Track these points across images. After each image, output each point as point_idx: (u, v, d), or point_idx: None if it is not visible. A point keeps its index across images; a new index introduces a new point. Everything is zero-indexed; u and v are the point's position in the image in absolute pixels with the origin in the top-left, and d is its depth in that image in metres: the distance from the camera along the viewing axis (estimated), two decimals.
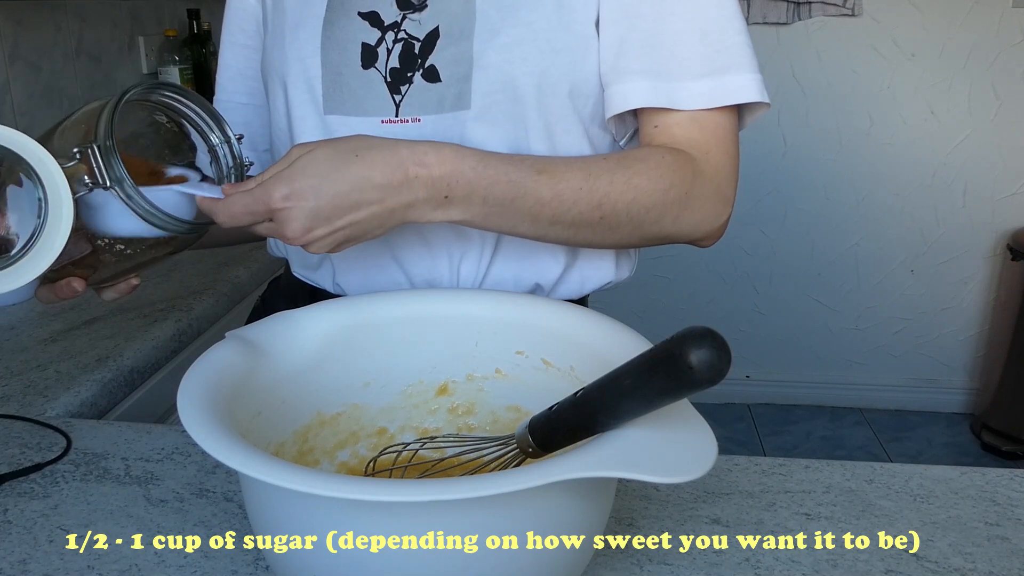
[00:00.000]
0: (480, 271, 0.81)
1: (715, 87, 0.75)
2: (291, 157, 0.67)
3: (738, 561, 0.65)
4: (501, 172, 0.69)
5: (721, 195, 0.77)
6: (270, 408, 0.63)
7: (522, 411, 0.70)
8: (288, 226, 0.65)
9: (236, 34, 0.91)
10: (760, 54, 0.76)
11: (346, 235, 0.67)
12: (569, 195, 0.71)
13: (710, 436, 0.50)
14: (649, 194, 0.73)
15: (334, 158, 0.66)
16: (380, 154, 0.66)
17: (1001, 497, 0.73)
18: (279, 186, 0.65)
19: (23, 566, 0.64)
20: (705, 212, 0.76)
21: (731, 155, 0.77)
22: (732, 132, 0.77)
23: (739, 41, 0.75)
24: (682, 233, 0.77)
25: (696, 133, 0.76)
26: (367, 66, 0.77)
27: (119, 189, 0.63)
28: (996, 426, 2.63)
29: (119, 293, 0.71)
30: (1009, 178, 2.64)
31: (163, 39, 2.02)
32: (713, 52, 0.75)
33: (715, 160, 0.76)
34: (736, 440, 2.71)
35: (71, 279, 0.67)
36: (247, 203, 0.66)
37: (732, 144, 0.77)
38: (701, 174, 0.75)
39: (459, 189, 0.68)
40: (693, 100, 0.75)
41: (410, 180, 0.67)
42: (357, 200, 0.66)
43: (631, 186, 0.72)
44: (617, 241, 0.76)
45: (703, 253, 2.77)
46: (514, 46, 0.74)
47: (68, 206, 0.60)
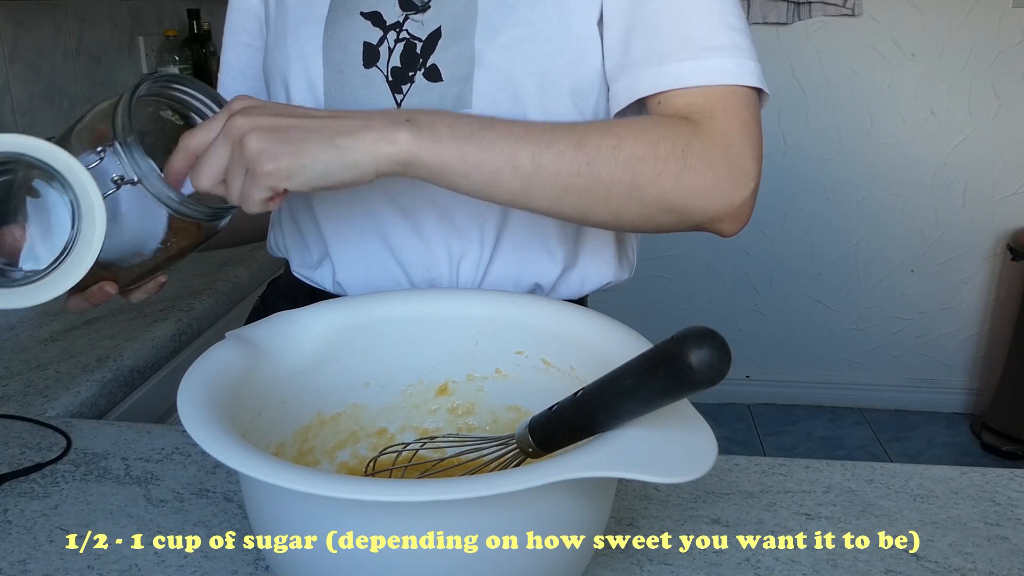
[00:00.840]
0: (480, 270, 0.81)
1: (724, 63, 0.71)
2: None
3: (738, 561, 0.65)
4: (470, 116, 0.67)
5: (735, 164, 0.69)
6: (270, 408, 0.63)
7: (522, 411, 0.70)
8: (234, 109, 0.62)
9: (239, 34, 0.91)
10: (760, 54, 0.75)
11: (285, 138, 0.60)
12: (544, 134, 0.66)
13: (710, 436, 0.50)
14: (634, 141, 0.67)
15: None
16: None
17: (1001, 497, 0.73)
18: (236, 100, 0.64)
19: (23, 566, 0.64)
20: (715, 178, 0.69)
21: (745, 122, 0.70)
22: (747, 102, 0.71)
23: (742, 27, 0.73)
24: (693, 204, 0.69)
25: (700, 99, 0.70)
26: (369, 65, 0.77)
27: (148, 182, 0.63)
28: (996, 426, 2.63)
29: (148, 293, 0.71)
30: (1009, 178, 2.64)
31: (163, 39, 2.02)
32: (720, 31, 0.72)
33: (722, 124, 0.69)
34: (736, 440, 2.71)
35: (103, 283, 0.66)
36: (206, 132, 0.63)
37: (748, 112, 0.71)
38: (700, 135, 0.69)
39: (422, 117, 0.64)
40: (700, 76, 0.71)
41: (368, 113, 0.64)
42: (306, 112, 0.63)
43: (611, 132, 0.67)
44: (619, 209, 0.69)
45: (703, 253, 2.77)
46: (515, 45, 0.74)
47: (100, 209, 0.60)
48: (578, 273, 0.84)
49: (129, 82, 1.93)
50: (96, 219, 0.60)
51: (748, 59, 0.72)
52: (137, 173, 0.62)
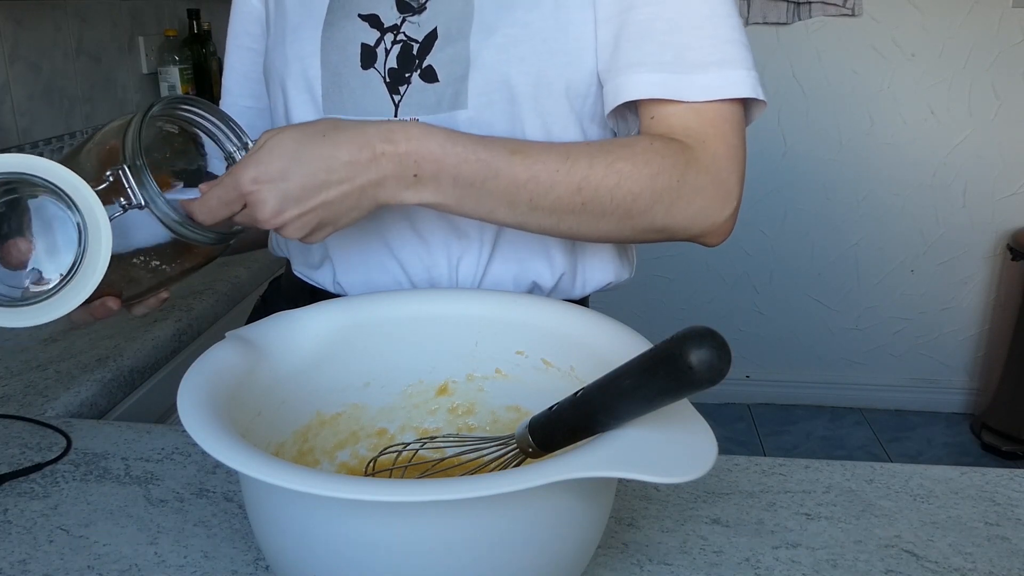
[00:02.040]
0: (479, 270, 0.81)
1: (714, 79, 0.73)
2: (260, 141, 0.67)
3: (738, 561, 0.65)
4: (470, 151, 0.68)
5: (722, 187, 0.73)
6: (270, 408, 0.63)
7: (522, 411, 0.70)
8: (259, 208, 0.65)
9: (242, 37, 0.91)
10: (760, 54, 0.76)
11: (319, 217, 0.67)
12: (545, 177, 0.69)
13: (710, 436, 0.50)
14: (634, 179, 0.70)
15: (301, 139, 0.66)
16: (347, 133, 0.67)
17: (1001, 497, 0.73)
18: (247, 170, 0.65)
19: (23, 566, 0.64)
20: (703, 204, 0.72)
21: (732, 146, 0.74)
22: (734, 124, 0.74)
23: (735, 38, 0.74)
24: (679, 227, 0.73)
25: (693, 122, 0.73)
26: (367, 67, 0.77)
27: (154, 207, 0.64)
28: (996, 426, 2.63)
29: (149, 308, 0.72)
30: (1009, 178, 2.64)
31: (163, 39, 2.02)
32: (711, 46, 0.73)
33: (713, 149, 0.72)
34: (736, 440, 2.71)
35: (106, 298, 0.68)
36: (219, 194, 0.66)
37: (734, 135, 0.74)
38: (695, 162, 0.72)
39: (427, 167, 0.67)
40: (691, 91, 0.73)
41: (377, 157, 0.66)
42: (325, 180, 0.66)
43: (614, 170, 0.70)
44: (608, 233, 0.73)
45: (703, 253, 2.77)
46: (511, 46, 0.74)
47: (106, 230, 0.61)
48: (578, 274, 0.84)
49: (129, 82, 1.93)
50: (102, 240, 0.61)
51: (742, 70, 0.73)
52: (145, 198, 0.63)
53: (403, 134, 0.67)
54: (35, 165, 0.60)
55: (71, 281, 0.62)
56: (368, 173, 0.67)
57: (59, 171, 0.60)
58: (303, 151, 0.65)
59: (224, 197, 0.66)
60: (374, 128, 0.67)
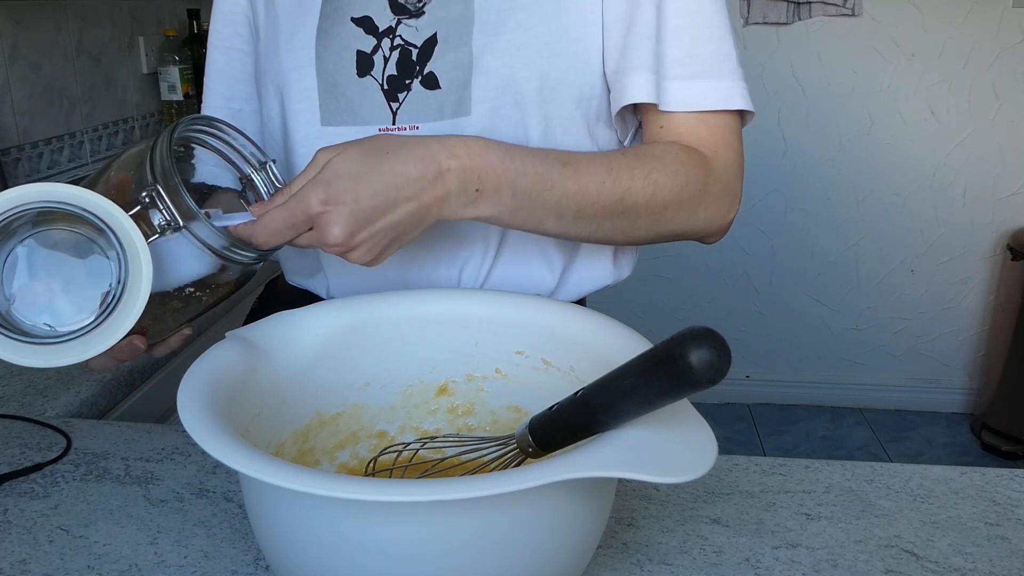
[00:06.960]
0: (480, 276, 0.81)
1: (717, 88, 0.76)
2: (319, 162, 0.65)
3: (738, 561, 0.65)
4: (528, 164, 0.69)
5: (730, 192, 0.78)
6: (270, 408, 0.63)
7: (522, 411, 0.70)
8: (329, 231, 0.63)
9: (231, 38, 0.88)
10: (760, 54, 0.77)
11: (389, 237, 0.65)
12: (593, 188, 0.71)
13: (710, 436, 0.50)
14: (668, 191, 0.73)
15: (366, 158, 0.64)
16: (411, 150, 0.65)
17: (1001, 497, 0.73)
18: (316, 191, 0.63)
19: (23, 566, 0.64)
20: (717, 209, 0.77)
21: (738, 152, 0.78)
22: (737, 131, 0.79)
23: (730, 51, 0.77)
24: (693, 230, 0.77)
25: (704, 132, 0.76)
26: (363, 74, 0.76)
27: (193, 227, 0.60)
28: (996, 426, 2.63)
29: (170, 348, 0.69)
30: (1009, 178, 2.64)
31: (163, 39, 2.02)
32: (715, 56, 0.76)
33: (724, 158, 0.77)
34: (736, 440, 2.71)
35: (132, 337, 0.63)
36: (285, 217, 0.63)
37: (738, 142, 0.78)
38: (713, 172, 0.76)
39: (488, 181, 0.67)
40: (696, 101, 0.75)
41: (443, 172, 0.66)
42: (395, 197, 0.64)
43: (650, 181, 0.73)
44: (634, 237, 0.76)
45: (703, 253, 2.77)
46: (514, 50, 0.74)
47: (146, 258, 0.58)
48: (576, 275, 0.84)
49: (128, 82, 1.93)
50: (143, 268, 0.58)
51: (740, 81, 0.77)
52: (183, 216, 0.60)
53: (465, 148, 0.66)
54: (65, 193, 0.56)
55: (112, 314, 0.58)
56: (435, 190, 0.65)
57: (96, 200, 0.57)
58: (370, 170, 0.63)
59: (290, 220, 0.63)
60: (437, 143, 0.66)
